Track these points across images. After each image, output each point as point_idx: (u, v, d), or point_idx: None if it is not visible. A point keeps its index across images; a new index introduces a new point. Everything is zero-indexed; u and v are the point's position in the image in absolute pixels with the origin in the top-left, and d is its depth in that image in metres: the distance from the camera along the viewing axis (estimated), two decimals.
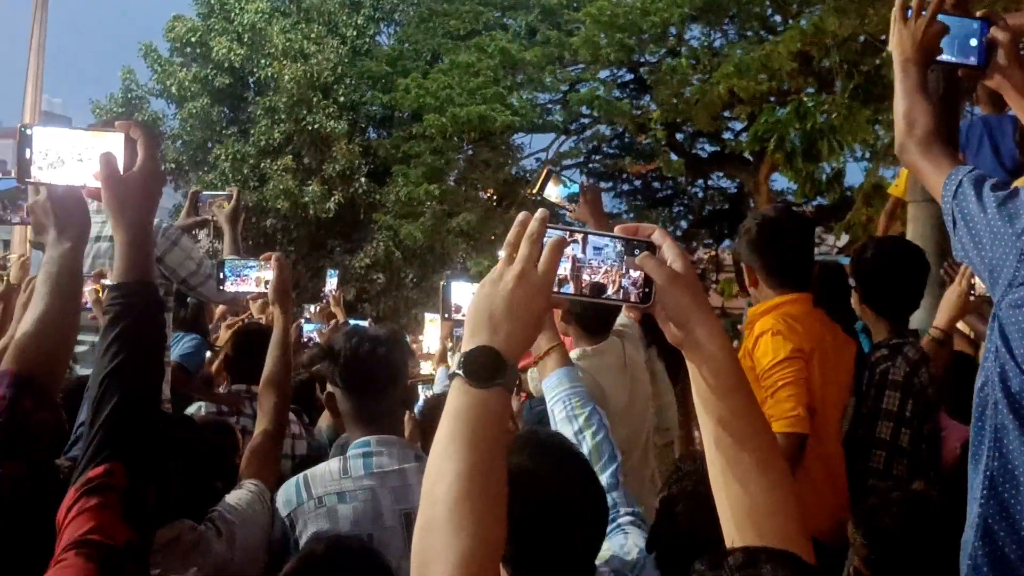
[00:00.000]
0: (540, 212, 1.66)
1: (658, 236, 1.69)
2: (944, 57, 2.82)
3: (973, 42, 2.79)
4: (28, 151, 2.30)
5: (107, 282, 2.44)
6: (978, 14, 2.83)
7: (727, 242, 30.15)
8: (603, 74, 27.71)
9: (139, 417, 2.24)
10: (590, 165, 32.04)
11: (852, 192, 17.56)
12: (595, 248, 1.69)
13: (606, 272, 1.69)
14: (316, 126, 27.28)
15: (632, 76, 28.47)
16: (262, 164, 27.42)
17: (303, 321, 8.42)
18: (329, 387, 3.58)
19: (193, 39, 28.72)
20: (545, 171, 5.01)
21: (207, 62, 28.71)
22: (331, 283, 10.69)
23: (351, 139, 28.33)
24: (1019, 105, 2.73)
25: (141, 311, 2.31)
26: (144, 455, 2.24)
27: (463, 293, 3.74)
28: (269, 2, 29.58)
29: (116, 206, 2.31)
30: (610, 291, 1.70)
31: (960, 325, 4.98)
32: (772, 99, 22.18)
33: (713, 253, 29.71)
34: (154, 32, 33.17)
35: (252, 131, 27.99)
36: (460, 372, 1.54)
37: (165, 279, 4.99)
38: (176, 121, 29.63)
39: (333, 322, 8.73)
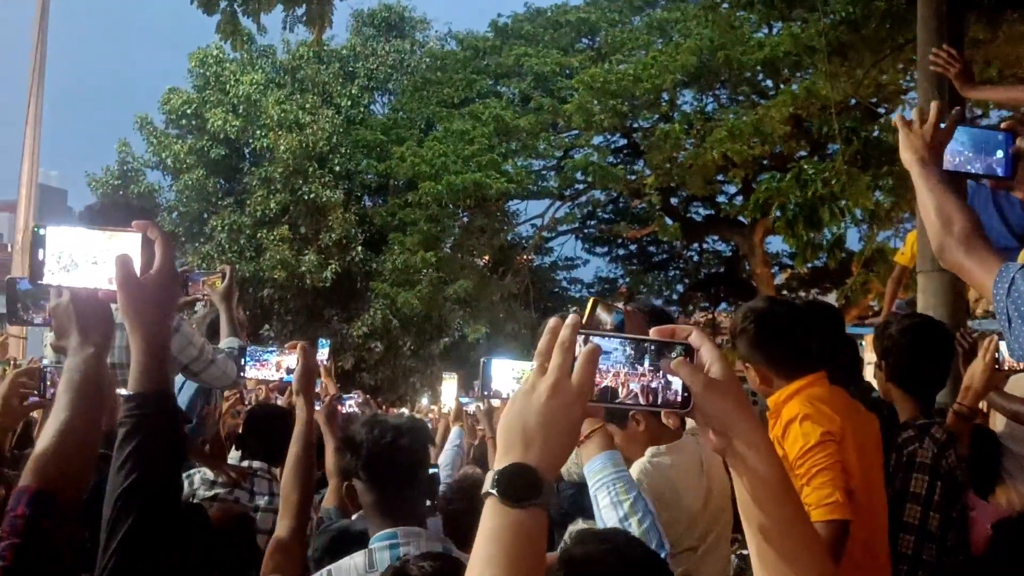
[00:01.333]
0: (571, 318, 1.59)
1: (695, 338, 1.62)
2: (970, 169, 2.85)
3: (999, 154, 2.82)
4: (41, 252, 2.20)
5: (122, 392, 2.33)
6: (1002, 126, 2.86)
7: (724, 305, 30.23)
8: (597, 140, 27.92)
9: (156, 538, 2.16)
10: (585, 230, 32.21)
11: (850, 256, 17.67)
12: (632, 353, 1.66)
13: (643, 377, 1.66)
14: (312, 195, 27.40)
15: (626, 141, 28.71)
16: (258, 234, 27.50)
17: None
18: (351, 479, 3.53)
19: (188, 111, 28.93)
20: (592, 301, 5.03)
21: (202, 134, 28.89)
22: (322, 353, 10.48)
23: (347, 208, 28.46)
24: None
25: (157, 424, 2.22)
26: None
27: (503, 372, 3.67)
28: (264, 74, 29.86)
29: (132, 311, 2.20)
30: (646, 399, 1.67)
31: None
32: (765, 162, 22.36)
33: (710, 316, 29.73)
34: (150, 104, 33.39)
35: (248, 201, 28.10)
36: (494, 492, 1.47)
37: None
38: (172, 193, 29.78)
39: (328, 397, 8.60)
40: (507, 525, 1.46)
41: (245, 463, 5.72)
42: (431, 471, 3.94)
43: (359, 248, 28.04)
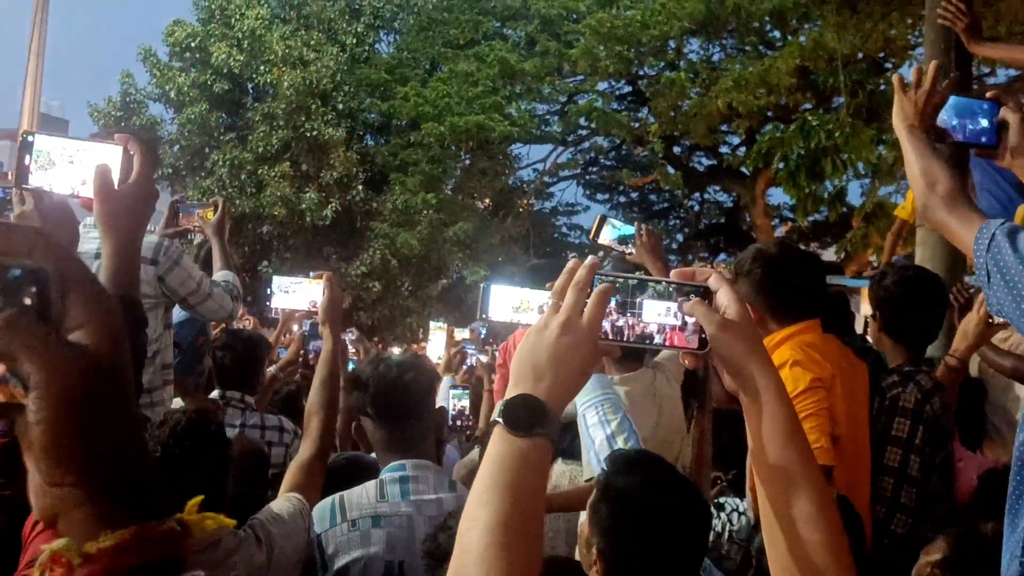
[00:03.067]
0: (590, 259, 1.62)
1: (714, 281, 1.63)
2: (957, 138, 2.87)
3: (984, 123, 2.84)
4: (28, 157, 2.26)
5: None
6: (988, 95, 2.88)
7: (723, 255, 30.25)
8: (601, 86, 27.83)
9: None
10: (587, 176, 32.20)
11: (850, 210, 17.64)
12: (649, 294, 1.67)
13: (659, 317, 1.68)
14: (314, 133, 27.25)
15: (630, 88, 28.59)
16: (259, 171, 27.37)
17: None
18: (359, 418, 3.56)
19: (192, 44, 28.69)
20: (599, 218, 5.03)
21: (206, 67, 28.67)
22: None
23: (349, 146, 28.33)
24: None
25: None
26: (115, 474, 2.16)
27: (502, 298, 3.68)
28: (269, 9, 29.59)
29: (106, 219, 2.27)
30: (662, 338, 1.68)
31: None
32: (770, 114, 22.27)
33: (709, 265, 29.72)
34: (154, 36, 33.20)
35: (250, 137, 27.95)
36: (500, 420, 1.51)
37: (166, 297, 4.90)
38: (174, 126, 29.57)
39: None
40: (511, 452, 1.49)
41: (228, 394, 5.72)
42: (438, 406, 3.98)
43: (360, 187, 27.93)
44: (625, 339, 1.66)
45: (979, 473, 4.17)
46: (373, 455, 3.75)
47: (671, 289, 1.66)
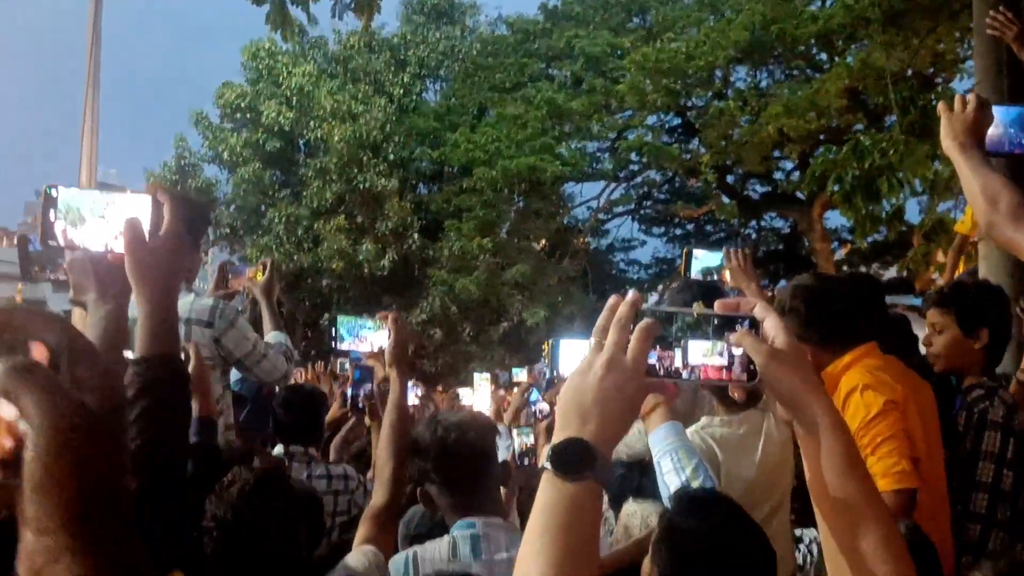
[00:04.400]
0: (631, 295, 1.59)
1: (760, 310, 1.60)
2: (1014, 149, 2.80)
3: None
4: (53, 212, 2.19)
5: (129, 355, 2.29)
6: None
7: (783, 282, 29.96)
8: (651, 120, 27.81)
9: (161, 504, 2.12)
10: (642, 211, 32.13)
11: (910, 228, 17.45)
12: (695, 326, 1.64)
13: (708, 350, 1.64)
14: (367, 185, 27.50)
15: (680, 120, 28.54)
16: (315, 225, 27.66)
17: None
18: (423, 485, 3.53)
19: (243, 104, 29.13)
20: (685, 252, 5.04)
21: (257, 126, 29.09)
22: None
23: (402, 196, 28.56)
24: None
25: (163, 389, 2.20)
26: (166, 543, 2.12)
27: (572, 353, 3.64)
28: (316, 65, 30.01)
29: (139, 274, 2.20)
30: (711, 372, 1.64)
31: None
32: (822, 137, 22.11)
33: (771, 294, 29.43)
34: (204, 100, 33.69)
35: (304, 193, 28.28)
36: (548, 465, 1.48)
37: (222, 359, 4.91)
38: (229, 186, 30.01)
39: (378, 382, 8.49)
40: (561, 497, 1.46)
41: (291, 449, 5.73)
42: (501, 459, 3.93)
43: (415, 235, 28.13)
44: (671, 374, 1.63)
45: None
46: None
47: (716, 322, 1.62)
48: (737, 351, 1.60)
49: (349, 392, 7.04)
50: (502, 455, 6.75)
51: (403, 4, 32.96)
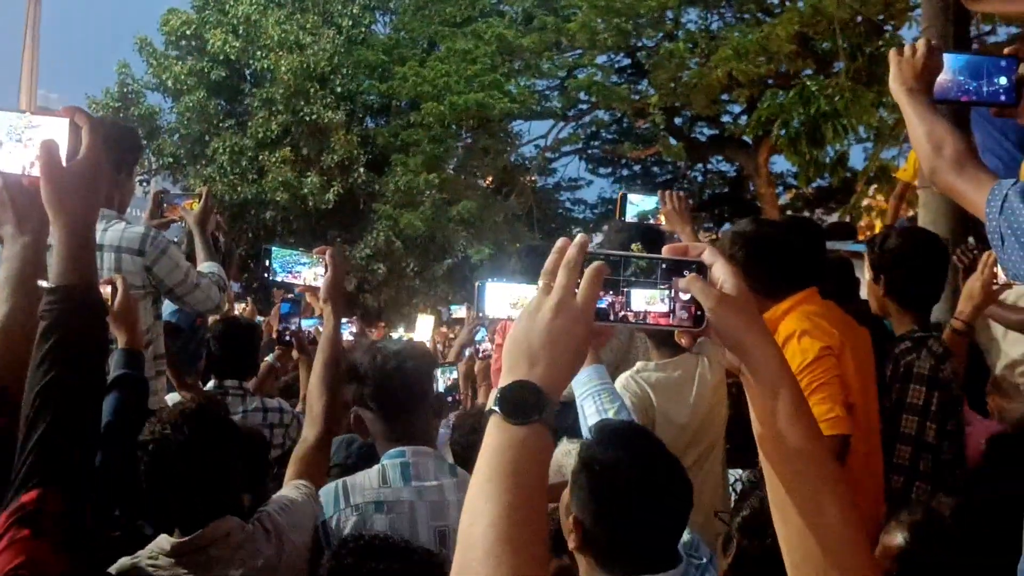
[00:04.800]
0: (579, 237, 1.56)
1: (708, 256, 1.60)
2: (975, 97, 2.80)
3: (1003, 80, 2.77)
4: None
5: (43, 284, 2.24)
6: (1006, 51, 2.81)
7: (728, 225, 30.16)
8: (601, 59, 27.67)
9: (74, 438, 2.09)
10: (589, 151, 32.09)
11: (854, 175, 17.60)
12: (642, 271, 1.63)
13: (654, 295, 1.63)
14: (314, 117, 27.21)
15: (630, 61, 28.45)
16: (260, 156, 27.37)
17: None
18: (356, 409, 3.52)
19: (188, 32, 28.66)
20: (620, 196, 5.05)
21: (202, 55, 28.64)
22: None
23: (349, 129, 28.28)
24: None
25: (78, 320, 2.14)
26: (81, 478, 2.10)
27: (499, 296, 3.64)
28: None
29: (55, 200, 2.13)
30: (657, 317, 1.63)
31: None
32: (771, 82, 22.16)
33: (715, 236, 29.63)
34: (149, 26, 33.05)
35: (249, 123, 27.95)
36: (496, 409, 1.45)
37: (154, 288, 4.86)
38: (173, 115, 29.57)
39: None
40: (510, 442, 1.44)
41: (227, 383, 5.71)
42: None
43: (361, 169, 27.90)
44: (618, 318, 1.62)
45: (987, 437, 4.13)
46: None
47: (664, 266, 1.61)
48: (684, 296, 1.59)
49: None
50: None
51: None
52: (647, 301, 1.60)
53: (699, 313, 1.57)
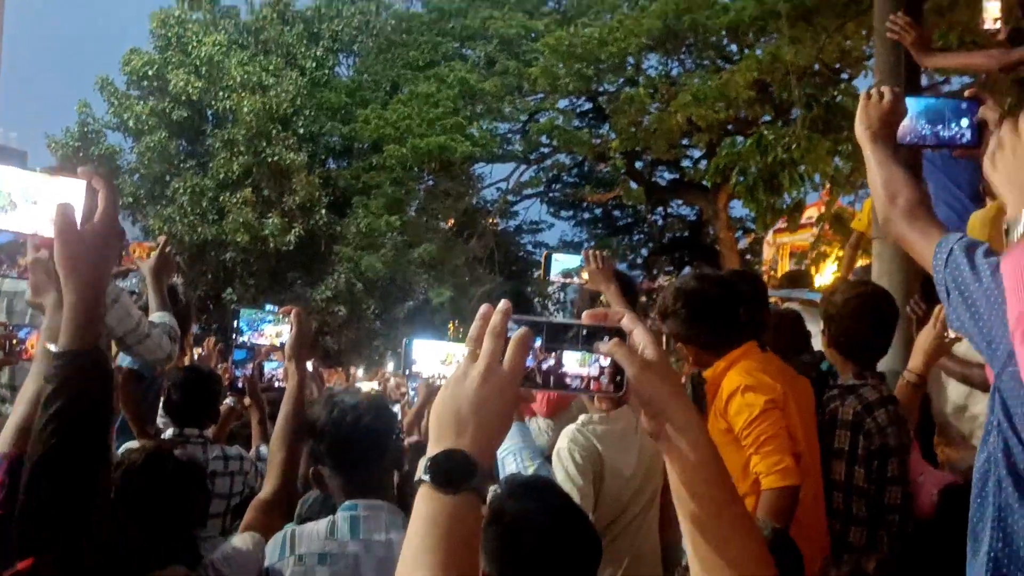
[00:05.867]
0: (502, 304, 1.57)
1: (627, 322, 1.59)
2: (935, 140, 2.85)
3: (964, 122, 2.82)
4: None
5: (52, 347, 2.21)
6: (966, 94, 2.86)
7: (688, 269, 30.34)
8: (562, 103, 27.89)
9: (74, 507, 2.06)
10: (551, 194, 32.27)
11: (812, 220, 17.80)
12: (564, 337, 1.64)
13: (575, 361, 1.64)
14: (275, 158, 27.21)
15: (591, 105, 28.69)
16: (221, 197, 27.31)
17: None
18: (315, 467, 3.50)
19: (150, 72, 28.65)
20: (545, 256, 5.08)
21: (164, 95, 28.62)
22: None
23: (311, 171, 28.31)
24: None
25: (85, 386, 2.10)
26: (78, 546, 2.05)
27: (427, 353, 3.66)
28: (227, 35, 29.57)
29: (69, 263, 2.09)
30: (579, 381, 1.65)
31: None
32: (730, 127, 22.39)
33: (674, 280, 29.84)
34: (111, 65, 33.00)
35: (211, 164, 27.92)
36: (427, 478, 1.44)
37: (105, 336, 4.78)
38: (133, 155, 29.50)
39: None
40: (441, 511, 1.43)
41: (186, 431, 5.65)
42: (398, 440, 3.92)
43: (323, 211, 27.92)
44: (543, 384, 1.63)
45: (938, 488, 4.15)
46: None
47: (585, 332, 1.62)
48: (605, 361, 1.59)
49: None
50: None
51: None
52: (570, 366, 1.61)
53: (619, 379, 1.58)
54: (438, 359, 3.49)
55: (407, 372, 3.69)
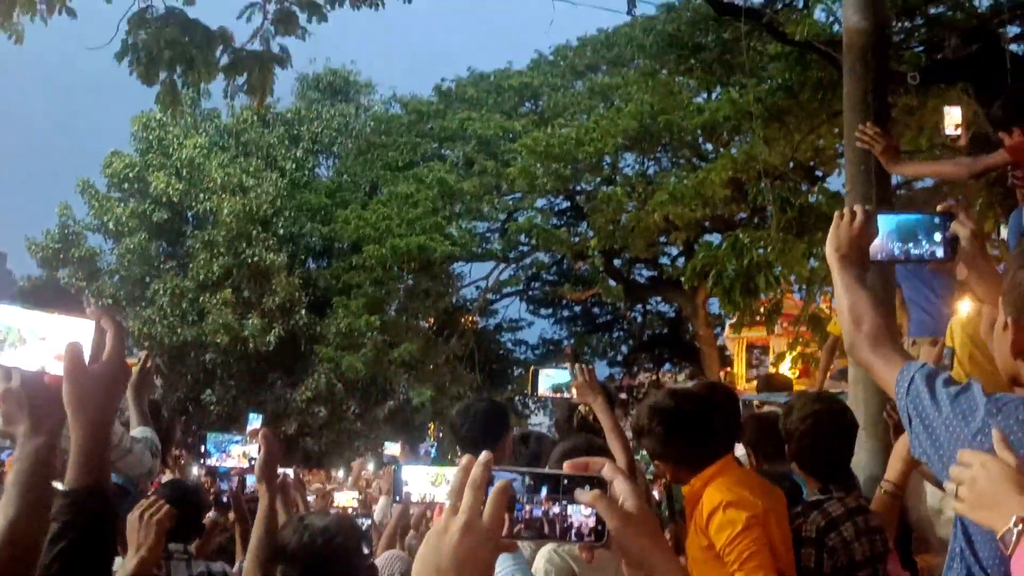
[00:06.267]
0: (483, 456, 1.58)
1: (607, 471, 1.62)
2: (908, 255, 2.92)
3: (937, 236, 2.89)
4: None
5: (59, 486, 2.21)
6: (939, 208, 2.94)
7: (668, 365, 30.41)
8: (540, 203, 28.18)
9: None
10: (530, 292, 32.35)
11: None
12: (544, 487, 1.66)
13: (556, 511, 1.66)
14: (255, 259, 27.27)
15: (569, 204, 28.97)
16: (201, 298, 27.30)
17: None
18: None
19: (131, 174, 28.78)
20: (531, 371, 5.14)
21: (145, 197, 28.73)
22: (253, 427, 10.05)
23: (291, 271, 28.36)
24: (988, 293, 2.81)
25: (91, 525, 2.12)
26: None
27: (417, 477, 3.69)
28: (208, 137, 29.81)
29: (77, 403, 2.10)
30: (561, 532, 1.65)
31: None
32: (707, 225, 22.58)
33: (654, 377, 29.86)
34: (91, 168, 33.16)
35: (191, 265, 27.93)
36: None
37: None
38: (113, 256, 29.49)
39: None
40: None
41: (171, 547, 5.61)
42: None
43: (303, 311, 27.91)
44: (524, 534, 1.64)
45: None
46: None
47: (566, 482, 1.64)
48: (586, 511, 1.60)
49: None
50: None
51: (298, 80, 33.06)
52: (551, 516, 1.63)
53: (601, 528, 1.60)
54: (428, 481, 3.52)
55: (398, 498, 3.72)
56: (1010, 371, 2.48)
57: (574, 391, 4.94)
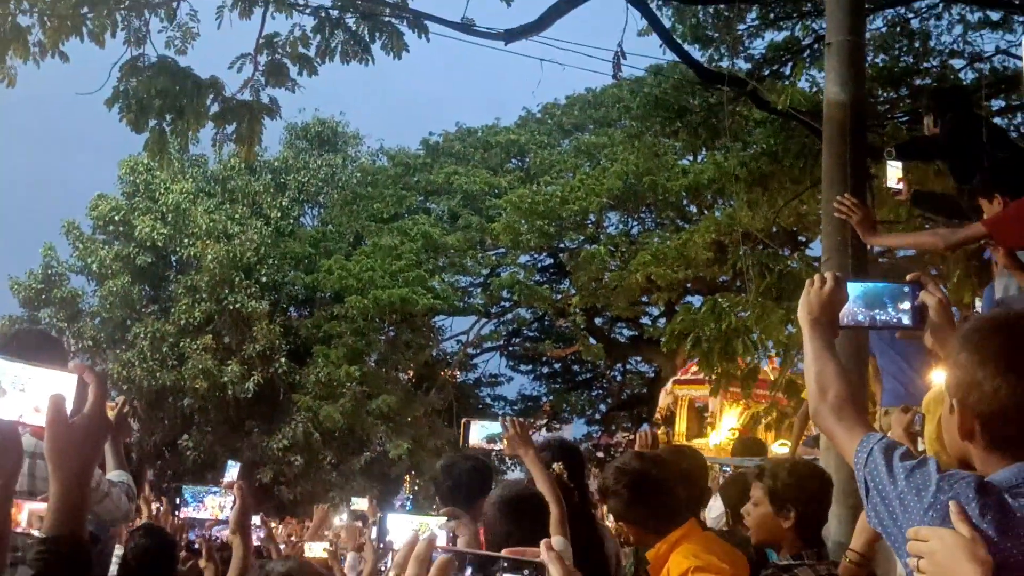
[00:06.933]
0: (429, 534, 1.66)
1: (546, 558, 1.65)
2: (880, 322, 2.99)
3: (906, 305, 2.96)
4: None
5: (34, 532, 2.26)
6: (908, 278, 3.01)
7: (646, 426, 30.36)
8: (523, 259, 28.29)
9: None
10: (510, 348, 32.37)
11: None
12: (488, 569, 1.71)
13: None
14: (237, 306, 27.22)
15: (552, 261, 29.10)
16: (181, 343, 27.21)
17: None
18: None
19: (116, 217, 28.76)
20: (463, 424, 5.19)
21: (129, 240, 28.68)
22: (231, 474, 10.02)
23: (272, 319, 28.28)
24: None
25: (66, 572, 2.14)
26: None
27: (401, 526, 3.74)
28: (194, 183, 29.82)
29: (57, 454, 2.14)
30: None
31: None
32: (689, 286, 22.70)
33: (632, 436, 29.79)
34: (77, 210, 33.15)
35: (172, 310, 27.86)
36: None
37: None
38: (95, 298, 29.41)
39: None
40: None
41: None
42: None
43: (283, 360, 27.82)
44: None
45: None
46: None
47: (506, 564, 1.69)
48: None
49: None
50: None
51: (286, 129, 33.13)
52: None
53: None
54: (412, 529, 3.57)
55: (381, 545, 3.77)
56: (959, 454, 2.54)
57: (505, 443, 4.98)
